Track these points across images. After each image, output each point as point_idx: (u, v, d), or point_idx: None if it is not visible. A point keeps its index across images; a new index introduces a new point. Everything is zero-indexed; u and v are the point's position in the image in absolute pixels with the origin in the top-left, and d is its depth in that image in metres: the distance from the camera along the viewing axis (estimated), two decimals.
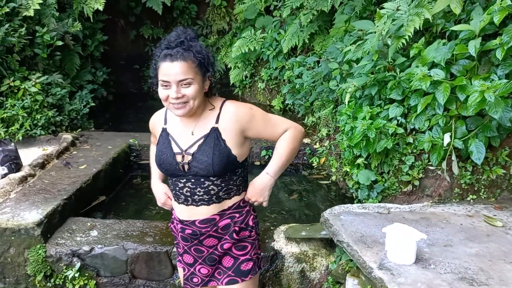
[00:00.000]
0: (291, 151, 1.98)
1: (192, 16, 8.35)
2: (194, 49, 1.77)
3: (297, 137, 1.98)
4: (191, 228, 1.97)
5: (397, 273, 2.11)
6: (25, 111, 4.52)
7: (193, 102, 1.80)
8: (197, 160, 1.85)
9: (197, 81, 1.79)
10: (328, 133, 4.52)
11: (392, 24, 3.27)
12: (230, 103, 1.92)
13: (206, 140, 1.86)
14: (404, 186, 3.21)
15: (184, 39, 1.78)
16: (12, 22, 4.74)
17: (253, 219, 2.06)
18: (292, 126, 1.98)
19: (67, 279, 2.97)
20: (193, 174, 1.88)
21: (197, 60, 1.77)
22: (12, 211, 3.12)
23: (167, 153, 1.92)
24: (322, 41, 5.43)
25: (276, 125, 1.96)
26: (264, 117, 1.94)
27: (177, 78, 1.75)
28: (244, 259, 2.01)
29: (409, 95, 3.13)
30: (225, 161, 1.85)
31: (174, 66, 1.74)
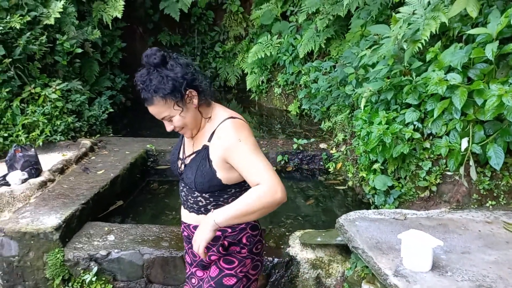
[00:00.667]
0: (248, 207, 1.66)
1: (209, 22, 8.44)
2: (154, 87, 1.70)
3: (263, 197, 1.64)
4: (187, 231, 2.03)
5: (413, 280, 2.08)
6: (46, 117, 4.61)
7: (187, 128, 1.83)
8: (186, 174, 1.90)
9: (175, 111, 1.76)
10: (345, 138, 4.49)
11: (408, 28, 3.24)
12: (226, 123, 1.78)
13: (196, 157, 1.85)
14: (421, 192, 3.17)
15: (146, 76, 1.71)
16: (34, 31, 4.86)
17: (248, 237, 1.94)
18: (267, 183, 1.65)
19: (85, 283, 3.01)
20: (186, 183, 1.93)
21: (162, 95, 1.70)
22: (31, 216, 3.18)
23: (175, 155, 2.01)
24: (338, 46, 5.43)
25: (253, 172, 1.69)
26: (247, 156, 1.71)
27: (159, 117, 1.79)
28: (228, 273, 1.93)
29: (425, 99, 3.10)
30: (206, 182, 1.81)
31: (150, 109, 1.77)
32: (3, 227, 3.05)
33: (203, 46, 8.61)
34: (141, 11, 7.89)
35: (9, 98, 4.61)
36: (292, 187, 4.41)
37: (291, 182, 4.52)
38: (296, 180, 4.56)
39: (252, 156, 1.72)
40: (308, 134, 5.33)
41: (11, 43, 4.66)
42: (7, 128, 4.48)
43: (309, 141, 4.91)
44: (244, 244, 1.94)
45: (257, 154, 1.73)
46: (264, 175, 1.68)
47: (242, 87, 8.00)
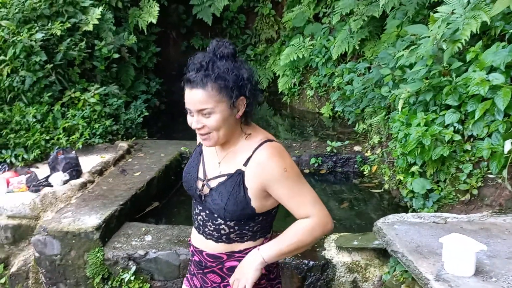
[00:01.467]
0: (299, 243, 1.62)
1: (241, 26, 8.49)
2: (215, 74, 1.52)
3: (315, 230, 1.61)
4: (199, 257, 1.81)
5: (455, 285, 2.02)
6: (85, 121, 4.75)
7: (217, 134, 1.58)
8: (212, 199, 1.66)
9: (221, 109, 1.54)
10: (380, 140, 4.43)
11: (447, 28, 3.18)
12: (266, 148, 1.61)
13: (227, 181, 1.63)
14: (462, 195, 3.09)
15: (207, 61, 1.54)
16: (73, 37, 5.02)
17: (267, 266, 1.72)
18: (317, 216, 1.61)
19: (123, 282, 3.08)
20: (208, 208, 1.71)
21: (218, 86, 1.52)
22: (73, 216, 3.28)
23: (192, 173, 1.77)
24: (373, 47, 5.36)
25: (301, 204, 1.61)
26: (293, 188, 1.60)
27: (196, 107, 1.55)
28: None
29: (466, 100, 3.02)
30: (239, 211, 1.62)
31: (193, 94, 1.54)
32: (46, 227, 3.16)
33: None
34: (174, 16, 8.03)
35: (51, 102, 4.78)
36: (326, 190, 4.38)
37: (325, 185, 4.48)
38: (330, 183, 4.53)
39: (300, 187, 1.62)
40: (342, 137, 5.28)
41: (52, 49, 4.83)
42: (48, 131, 4.63)
43: (343, 144, 4.86)
44: (263, 274, 1.70)
45: (303, 184, 1.63)
46: (314, 208, 1.62)
47: (273, 89, 8.00)
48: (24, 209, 3.38)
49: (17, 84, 4.59)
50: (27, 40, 4.48)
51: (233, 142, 1.67)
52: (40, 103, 4.72)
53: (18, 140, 4.46)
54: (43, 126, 4.64)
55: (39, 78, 4.63)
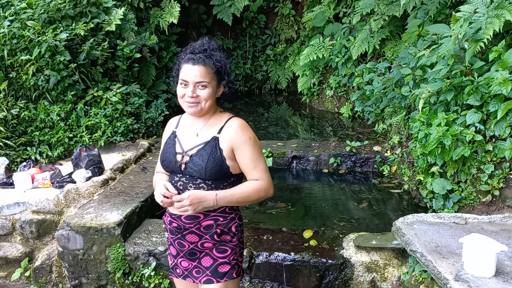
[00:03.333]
0: (247, 197, 2.03)
1: (260, 26, 8.52)
2: (214, 58, 1.97)
3: (261, 191, 2.03)
4: (177, 222, 2.09)
5: (475, 286, 2.01)
6: (107, 119, 4.84)
7: (205, 104, 1.99)
8: (193, 162, 2.00)
9: (212, 85, 1.98)
10: (400, 140, 4.39)
11: (469, 27, 3.14)
12: (236, 119, 2.06)
13: (205, 146, 2.01)
14: (483, 196, 3.05)
15: (208, 47, 1.99)
16: (96, 37, 5.12)
17: (236, 227, 2.12)
18: (265, 181, 2.03)
19: (144, 277, 3.13)
20: (189, 174, 2.03)
21: (215, 67, 1.97)
22: (95, 212, 3.35)
23: (170, 152, 2.10)
24: (394, 47, 5.32)
25: (256, 168, 2.02)
26: (253, 154, 2.02)
27: (195, 79, 1.95)
28: (222, 262, 2.10)
29: (488, 100, 2.98)
30: (217, 168, 1.99)
31: (195, 69, 1.94)
32: (69, 222, 3.23)
33: (255, 50, 8.71)
34: (195, 16, 8.10)
35: (74, 101, 4.89)
36: (345, 189, 4.37)
37: (344, 184, 4.48)
38: (349, 183, 4.51)
39: (258, 155, 2.04)
40: (361, 137, 5.26)
41: (76, 49, 4.94)
42: (72, 129, 4.74)
43: (362, 144, 4.84)
44: (233, 233, 2.11)
45: (261, 155, 2.06)
46: (264, 174, 2.04)
47: (293, 89, 8.01)
48: (48, 204, 3.47)
49: (42, 83, 4.71)
50: (52, 40, 4.59)
51: (207, 117, 2.07)
52: (64, 101, 4.83)
53: (43, 138, 4.57)
54: (67, 124, 4.75)
55: (63, 77, 4.74)
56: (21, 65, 4.73)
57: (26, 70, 4.68)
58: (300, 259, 2.94)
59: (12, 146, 4.45)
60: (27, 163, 4.10)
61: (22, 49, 4.71)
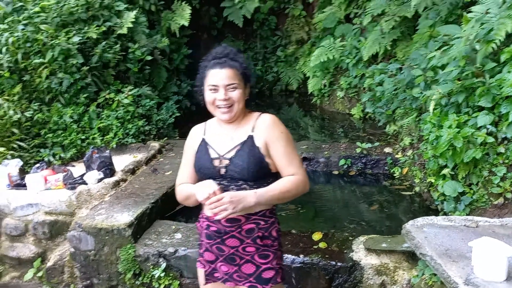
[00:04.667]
0: (286, 193, 1.98)
1: (271, 27, 8.52)
2: (240, 61, 2.02)
3: (299, 186, 2.00)
4: (216, 226, 2.03)
5: None
6: (119, 121, 4.89)
7: (237, 106, 1.99)
8: (234, 164, 1.98)
9: (241, 87, 2.00)
10: (411, 142, 4.36)
11: (480, 28, 3.11)
12: (267, 115, 2.07)
13: (243, 147, 2.00)
14: (495, 199, 3.02)
15: (230, 51, 2.03)
16: (108, 40, 5.17)
17: (277, 231, 2.10)
18: (302, 175, 2.01)
19: (154, 278, 3.15)
20: (230, 177, 1.99)
21: (241, 69, 2.00)
22: (106, 213, 3.39)
23: (205, 159, 2.05)
24: (405, 48, 5.28)
25: (291, 163, 2.01)
26: (287, 148, 2.01)
27: (225, 82, 1.96)
28: (266, 267, 2.05)
29: (500, 102, 2.95)
30: (258, 167, 1.98)
31: (223, 72, 1.96)
32: (81, 223, 3.28)
33: (265, 51, 8.71)
34: (205, 18, 8.14)
35: (87, 103, 4.94)
36: (355, 191, 4.35)
37: (354, 186, 4.45)
38: (360, 185, 4.49)
39: (292, 149, 2.03)
40: (372, 138, 5.23)
41: (89, 52, 5.00)
42: (84, 131, 4.79)
43: (373, 145, 4.81)
44: (274, 237, 2.08)
45: (294, 149, 2.06)
46: (300, 169, 2.02)
47: (303, 91, 7.98)
48: (61, 205, 3.52)
49: (55, 86, 4.77)
50: (65, 43, 4.65)
51: (239, 120, 2.06)
52: (76, 104, 4.89)
53: (56, 140, 4.63)
54: (79, 126, 4.81)
55: (76, 80, 4.80)
56: (35, 68, 4.79)
57: (39, 73, 4.75)
58: (309, 261, 2.94)
59: (25, 148, 4.51)
60: (40, 164, 4.16)
61: (35, 52, 4.78)
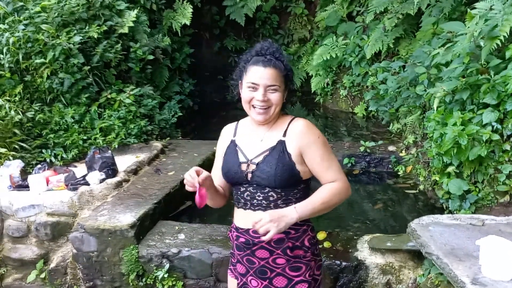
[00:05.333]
0: (328, 203, 1.86)
1: (273, 26, 8.48)
2: (285, 62, 1.88)
3: (341, 193, 1.88)
4: (245, 237, 1.96)
5: None
6: (121, 121, 4.86)
7: (274, 108, 1.87)
8: (261, 170, 1.87)
9: (282, 89, 1.87)
10: (415, 140, 4.33)
11: (485, 24, 3.08)
12: (300, 119, 1.94)
13: (272, 152, 1.88)
14: (501, 197, 2.99)
15: (275, 49, 1.89)
16: (109, 39, 5.15)
17: (309, 240, 1.97)
18: (342, 181, 1.89)
19: (157, 279, 3.13)
20: (256, 183, 1.90)
21: (285, 71, 1.87)
22: (109, 214, 3.37)
23: (233, 162, 1.96)
24: (408, 45, 5.26)
25: (330, 168, 1.88)
26: (324, 153, 1.88)
27: (266, 82, 1.83)
28: (298, 280, 1.94)
29: (505, 99, 2.92)
30: (287, 174, 1.85)
31: (266, 71, 1.82)
32: (83, 224, 3.26)
33: None
34: (207, 17, 8.11)
35: (88, 103, 4.92)
36: (359, 190, 4.32)
37: (358, 185, 4.43)
38: (364, 183, 4.47)
39: (329, 154, 1.90)
40: (376, 137, 5.20)
41: (90, 51, 4.97)
42: (86, 131, 4.77)
43: (376, 144, 4.78)
44: (307, 247, 1.95)
45: (332, 153, 1.92)
46: (340, 174, 1.90)
47: (306, 89, 7.94)
48: (63, 206, 3.50)
49: (57, 86, 4.75)
50: (65, 43, 4.63)
51: (272, 123, 1.94)
52: (78, 104, 4.87)
53: (57, 140, 4.61)
54: (81, 126, 4.78)
55: (77, 79, 4.78)
56: (36, 69, 4.77)
57: (40, 73, 4.73)
58: None
59: (27, 148, 4.49)
60: (42, 165, 4.14)
61: (36, 52, 4.75)
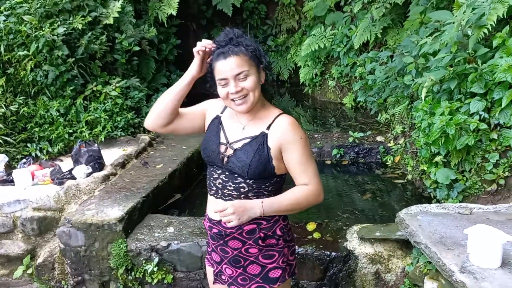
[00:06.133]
0: (296, 205, 1.86)
1: (261, 16, 8.43)
2: (243, 43, 1.80)
3: (311, 197, 1.86)
4: (217, 228, 1.96)
5: (481, 277, 1.97)
6: (107, 114, 4.80)
7: (253, 95, 1.81)
8: (237, 157, 1.85)
9: (253, 72, 1.81)
10: (403, 130, 4.35)
11: (472, 13, 3.08)
12: (286, 116, 1.89)
13: (251, 142, 1.86)
14: (488, 185, 3.01)
15: (233, 35, 1.81)
16: (94, 31, 5.06)
17: (281, 229, 1.96)
18: (315, 185, 1.86)
19: (147, 273, 3.11)
20: (229, 169, 1.88)
21: (248, 52, 1.80)
22: (96, 208, 3.33)
23: (213, 140, 1.94)
24: (396, 35, 5.26)
25: (305, 171, 1.85)
26: (303, 155, 1.84)
27: (233, 72, 1.77)
28: (272, 267, 1.96)
29: (492, 88, 2.93)
30: (261, 167, 1.83)
31: (228, 62, 1.77)
32: (70, 219, 3.21)
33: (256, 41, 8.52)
34: (194, 7, 8.02)
35: (73, 96, 4.84)
36: (348, 181, 4.34)
37: (347, 175, 4.44)
38: (352, 174, 4.48)
39: (307, 157, 1.86)
40: (364, 127, 5.21)
41: (74, 43, 4.87)
42: (71, 124, 4.70)
43: (365, 134, 4.80)
44: (279, 235, 1.95)
45: (311, 157, 1.89)
46: (314, 179, 1.87)
47: (295, 80, 7.94)
48: (49, 201, 3.45)
49: (41, 79, 4.66)
50: (49, 34, 4.54)
51: (255, 110, 1.88)
52: (63, 97, 4.79)
53: (43, 134, 4.54)
54: (66, 120, 4.71)
55: (62, 72, 4.69)
56: (19, 61, 4.67)
57: (24, 65, 4.64)
58: (303, 251, 2.92)
59: (11, 143, 4.42)
60: (27, 160, 4.08)
61: (19, 44, 4.65)
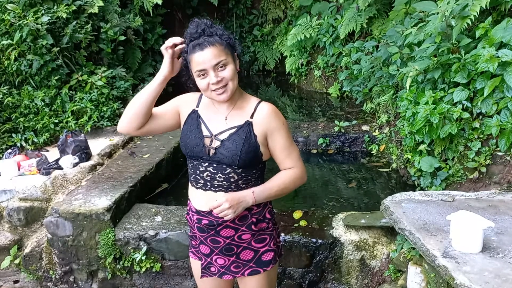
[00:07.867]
0: (284, 189, 1.95)
1: (247, 5, 8.40)
2: (217, 33, 1.80)
3: (297, 180, 1.96)
4: (208, 219, 1.96)
5: (463, 262, 2.04)
6: (93, 104, 4.76)
7: (232, 83, 1.82)
8: (225, 148, 1.86)
9: (230, 60, 1.81)
10: (388, 119, 4.41)
11: (456, 4, 3.13)
12: (267, 104, 1.92)
13: (238, 131, 1.87)
14: (470, 173, 3.08)
15: (205, 26, 1.80)
16: (79, 20, 5.00)
17: (269, 212, 2.04)
18: (300, 169, 1.95)
19: (135, 262, 3.13)
20: (217, 161, 1.88)
21: (223, 41, 1.80)
22: (84, 198, 3.32)
23: (195, 134, 1.92)
24: (381, 25, 5.29)
25: (290, 155, 1.93)
26: (287, 140, 1.92)
27: (211, 63, 1.77)
28: (264, 250, 2.02)
29: (475, 77, 2.99)
30: (251, 155, 1.87)
31: (206, 53, 1.76)
32: (57, 208, 3.21)
33: (242, 30, 8.60)
34: None
35: (58, 86, 4.79)
36: (334, 169, 4.39)
37: (333, 164, 4.49)
38: (338, 163, 4.53)
39: (290, 142, 1.94)
40: (350, 117, 5.26)
41: (59, 32, 4.82)
42: (57, 114, 4.66)
43: (350, 124, 4.85)
44: (268, 219, 2.02)
45: (293, 141, 1.97)
46: (298, 162, 1.96)
47: (281, 70, 7.95)
48: (36, 191, 3.43)
49: (25, 68, 4.60)
50: (33, 23, 4.47)
51: (234, 98, 1.90)
52: (48, 86, 4.74)
53: (28, 124, 4.50)
54: (52, 110, 4.67)
55: (46, 61, 4.64)
56: (2, 50, 4.60)
57: (7, 55, 4.57)
58: (290, 239, 2.96)
59: None
60: (12, 150, 4.03)
61: (2, 33, 4.58)
